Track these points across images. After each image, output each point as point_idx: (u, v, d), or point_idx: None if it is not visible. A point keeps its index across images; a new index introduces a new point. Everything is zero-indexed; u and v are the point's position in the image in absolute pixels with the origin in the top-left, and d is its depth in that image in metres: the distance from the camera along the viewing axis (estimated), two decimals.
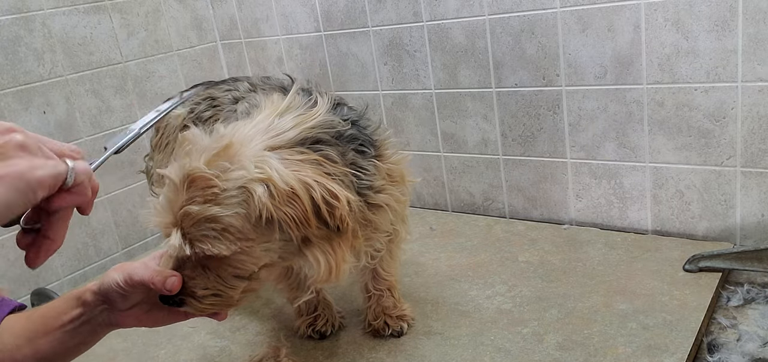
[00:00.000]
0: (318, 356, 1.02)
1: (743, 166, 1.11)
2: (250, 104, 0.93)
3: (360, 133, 0.85)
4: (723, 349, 0.91)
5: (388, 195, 0.87)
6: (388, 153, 0.89)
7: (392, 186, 0.88)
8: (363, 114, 0.90)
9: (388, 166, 0.88)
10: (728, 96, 1.08)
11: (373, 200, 0.85)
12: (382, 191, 0.86)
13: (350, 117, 0.86)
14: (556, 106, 1.26)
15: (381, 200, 0.86)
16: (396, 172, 0.90)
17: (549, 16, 1.20)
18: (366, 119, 0.90)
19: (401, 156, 0.93)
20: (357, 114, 0.89)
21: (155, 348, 1.11)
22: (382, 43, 1.45)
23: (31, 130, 0.61)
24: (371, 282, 1.02)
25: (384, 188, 0.86)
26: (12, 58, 1.37)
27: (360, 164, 0.83)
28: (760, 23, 1.02)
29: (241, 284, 0.77)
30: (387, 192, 0.87)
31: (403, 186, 0.91)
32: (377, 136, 0.89)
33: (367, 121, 0.90)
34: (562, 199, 1.33)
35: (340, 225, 0.74)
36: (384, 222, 0.88)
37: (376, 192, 0.85)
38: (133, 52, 1.59)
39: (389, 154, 0.89)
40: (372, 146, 0.86)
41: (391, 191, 0.88)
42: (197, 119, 1.07)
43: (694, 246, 1.14)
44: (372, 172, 0.84)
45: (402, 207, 0.91)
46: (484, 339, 0.98)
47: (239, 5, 1.68)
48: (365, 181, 0.83)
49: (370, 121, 0.91)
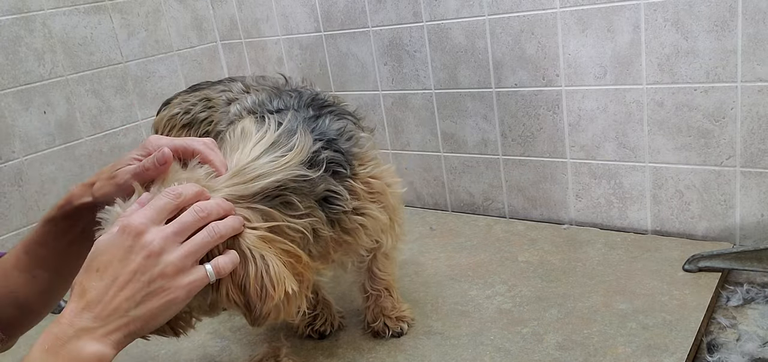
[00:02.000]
0: (318, 356, 1.02)
1: (743, 166, 1.11)
2: (242, 107, 0.92)
3: (335, 152, 0.83)
4: (722, 349, 0.91)
5: (365, 215, 0.85)
6: (367, 168, 0.87)
7: (371, 202, 0.87)
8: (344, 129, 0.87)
9: (367, 181, 0.86)
10: (728, 96, 1.08)
11: (347, 224, 0.83)
12: (359, 212, 0.85)
13: (329, 134, 0.84)
14: (555, 106, 1.26)
15: (357, 222, 0.84)
16: (376, 187, 0.88)
17: (549, 16, 1.20)
18: (349, 130, 0.88)
19: (382, 169, 0.91)
20: (339, 128, 0.86)
21: (155, 348, 1.11)
22: (382, 43, 1.45)
23: (32, 130, 0.62)
24: (368, 282, 1.02)
25: (361, 208, 0.85)
26: (12, 58, 1.38)
27: (333, 189, 0.81)
28: (759, 23, 1.02)
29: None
30: (364, 212, 0.85)
31: (386, 199, 0.90)
32: (358, 149, 0.87)
33: (349, 133, 0.87)
34: (561, 199, 1.33)
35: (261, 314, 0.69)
36: (361, 240, 0.87)
37: (351, 214, 0.83)
38: (134, 52, 1.59)
39: (368, 170, 0.87)
40: (348, 164, 0.84)
41: (369, 210, 0.86)
42: (193, 120, 1.08)
43: (694, 246, 1.14)
44: (345, 197, 0.82)
45: (381, 222, 0.89)
46: (484, 339, 0.99)
47: (239, 5, 1.68)
48: (339, 206, 0.81)
49: (353, 132, 0.88)
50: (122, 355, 1.12)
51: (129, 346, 1.17)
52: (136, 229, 0.61)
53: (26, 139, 1.40)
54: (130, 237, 0.61)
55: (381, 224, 0.89)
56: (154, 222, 0.63)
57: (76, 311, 0.59)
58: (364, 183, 0.86)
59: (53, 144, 1.45)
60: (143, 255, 0.61)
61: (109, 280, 0.60)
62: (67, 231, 0.75)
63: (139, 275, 0.60)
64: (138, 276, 0.60)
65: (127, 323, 0.60)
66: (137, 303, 0.60)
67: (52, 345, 0.57)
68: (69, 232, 0.75)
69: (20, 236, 1.39)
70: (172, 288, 0.62)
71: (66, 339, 0.58)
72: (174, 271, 0.62)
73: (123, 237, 0.61)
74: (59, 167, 1.46)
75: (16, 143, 1.39)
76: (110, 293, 0.60)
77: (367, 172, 0.87)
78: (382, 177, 0.90)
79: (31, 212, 1.42)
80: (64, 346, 0.57)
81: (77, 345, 0.57)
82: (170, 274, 0.61)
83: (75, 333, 0.58)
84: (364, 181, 0.86)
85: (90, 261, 0.62)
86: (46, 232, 0.75)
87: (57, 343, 0.57)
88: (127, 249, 0.61)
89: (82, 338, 0.58)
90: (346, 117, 0.91)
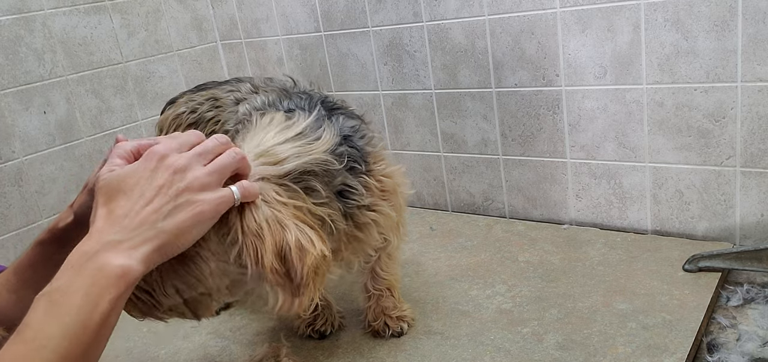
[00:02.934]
0: (318, 356, 1.02)
1: (743, 166, 1.11)
2: (251, 107, 0.93)
3: (351, 148, 0.84)
4: (722, 349, 0.91)
5: (377, 212, 0.87)
6: (381, 166, 0.89)
7: (383, 200, 0.88)
8: (358, 128, 0.89)
9: (380, 179, 0.88)
10: (728, 96, 1.08)
11: (360, 219, 0.84)
12: (372, 208, 0.86)
13: (345, 131, 0.85)
14: (555, 106, 1.26)
15: (369, 218, 0.86)
16: (388, 185, 0.89)
17: (549, 16, 1.20)
18: (362, 128, 0.90)
19: (393, 168, 0.92)
20: (353, 125, 0.88)
21: (155, 348, 1.11)
22: (382, 43, 1.45)
23: (32, 130, 0.62)
24: (370, 282, 1.02)
25: (373, 205, 0.86)
26: (12, 58, 1.38)
27: (349, 184, 0.82)
28: (759, 23, 1.02)
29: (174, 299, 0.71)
30: (376, 209, 0.86)
31: (396, 198, 0.91)
32: (371, 148, 0.89)
33: (363, 131, 0.89)
34: (561, 199, 1.33)
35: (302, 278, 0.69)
36: (372, 237, 0.88)
37: (365, 210, 0.85)
38: (134, 52, 1.59)
39: (381, 168, 0.89)
40: (364, 161, 0.85)
41: (381, 207, 0.87)
42: (199, 119, 1.07)
43: (694, 246, 1.14)
44: (360, 191, 0.83)
45: (392, 220, 0.91)
46: (484, 338, 0.99)
47: (239, 5, 1.68)
48: (353, 201, 0.82)
49: (365, 131, 0.90)
50: (122, 355, 1.13)
51: (130, 346, 1.18)
52: (160, 154, 0.62)
53: (26, 139, 1.40)
54: (154, 161, 0.62)
55: (391, 222, 0.91)
56: (177, 150, 0.63)
57: (103, 228, 0.58)
58: (377, 181, 0.87)
59: (53, 144, 1.45)
60: (169, 172, 0.61)
61: (136, 196, 0.60)
62: (56, 253, 0.74)
63: (165, 188, 0.60)
64: (164, 190, 0.60)
65: (155, 235, 0.59)
66: (165, 215, 0.60)
67: (77, 261, 0.57)
68: (57, 255, 0.74)
69: (20, 236, 1.39)
70: (200, 202, 0.62)
71: (92, 253, 0.57)
72: (200, 186, 0.62)
73: (147, 162, 0.62)
74: (59, 167, 1.46)
75: (16, 143, 1.39)
76: (137, 206, 0.59)
77: (380, 169, 0.89)
78: (393, 176, 0.91)
79: (31, 212, 1.42)
80: (89, 261, 0.56)
81: (102, 258, 0.56)
82: (196, 188, 0.62)
83: (101, 247, 0.57)
84: (378, 178, 0.87)
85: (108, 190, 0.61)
86: (36, 255, 0.74)
87: (82, 258, 0.57)
88: (152, 170, 0.61)
89: (109, 251, 0.57)
90: (356, 118, 0.92)
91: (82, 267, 0.56)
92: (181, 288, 0.70)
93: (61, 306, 0.55)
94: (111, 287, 0.56)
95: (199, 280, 0.70)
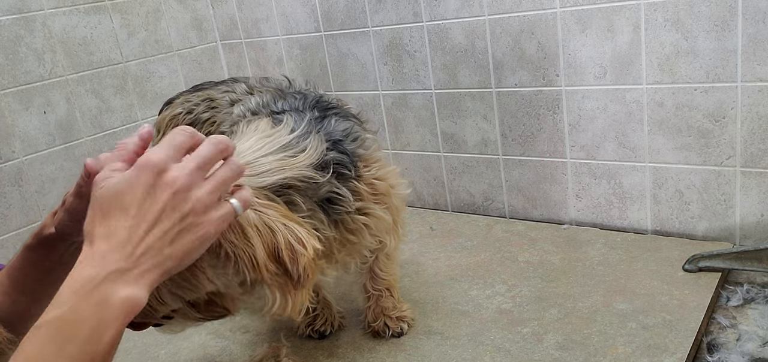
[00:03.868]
0: (318, 356, 1.02)
1: (743, 166, 1.11)
2: (245, 108, 0.92)
3: (341, 153, 0.83)
4: (722, 349, 0.91)
5: (369, 215, 0.86)
6: (372, 170, 0.88)
7: (375, 204, 0.87)
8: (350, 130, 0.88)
9: (371, 182, 0.87)
10: (728, 96, 1.08)
11: (350, 224, 0.84)
12: (362, 212, 0.85)
13: (335, 135, 0.84)
14: (555, 106, 1.26)
15: (360, 222, 0.85)
16: (380, 188, 0.88)
17: (549, 16, 1.20)
18: (355, 131, 0.89)
19: (387, 170, 0.91)
20: (345, 129, 0.87)
21: (156, 348, 1.11)
22: (382, 43, 1.45)
23: (32, 130, 0.62)
24: (369, 282, 1.02)
25: (364, 208, 0.85)
26: (12, 58, 1.38)
27: (337, 191, 0.81)
28: (759, 23, 1.02)
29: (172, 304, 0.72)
30: (368, 213, 0.86)
31: (390, 200, 0.90)
32: (363, 151, 0.88)
33: (355, 134, 0.88)
34: (561, 199, 1.33)
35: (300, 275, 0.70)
36: (364, 240, 0.87)
37: (355, 214, 0.84)
38: (134, 52, 1.59)
39: (373, 171, 0.88)
40: (353, 166, 0.85)
41: (373, 210, 0.87)
42: (196, 120, 1.07)
43: (694, 246, 1.14)
44: (348, 198, 0.83)
45: (385, 222, 0.90)
46: (484, 339, 0.99)
47: (239, 5, 1.68)
48: (340, 208, 0.82)
49: (358, 133, 0.89)
50: (123, 355, 1.12)
51: (130, 346, 1.18)
52: (157, 166, 0.59)
53: (26, 139, 1.40)
54: (152, 175, 0.59)
55: (385, 224, 0.90)
56: (173, 160, 0.61)
57: (105, 253, 0.56)
58: (368, 185, 0.86)
59: (53, 144, 1.45)
60: (170, 192, 0.59)
61: (138, 218, 0.57)
62: (43, 259, 0.74)
63: (168, 212, 0.58)
64: (168, 213, 0.58)
65: (161, 261, 0.58)
66: (171, 240, 0.58)
67: (82, 287, 0.55)
68: (46, 260, 0.74)
69: (20, 236, 1.39)
70: (204, 223, 0.60)
71: (98, 281, 0.55)
72: (203, 208, 0.60)
73: (143, 175, 0.59)
74: (59, 167, 1.46)
75: (16, 143, 1.39)
76: (140, 231, 0.57)
77: (371, 173, 0.88)
78: (387, 178, 0.90)
79: (31, 212, 1.42)
80: (95, 290, 0.54)
81: (108, 288, 0.55)
82: (200, 210, 0.60)
83: (106, 275, 0.55)
84: (368, 182, 0.87)
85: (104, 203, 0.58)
86: (24, 259, 0.74)
87: (87, 286, 0.55)
88: (150, 187, 0.58)
89: (115, 281, 0.55)
90: (351, 118, 0.92)
91: (87, 296, 0.54)
92: (180, 293, 0.70)
93: (66, 336, 0.54)
94: (118, 317, 0.55)
95: (197, 287, 0.70)
